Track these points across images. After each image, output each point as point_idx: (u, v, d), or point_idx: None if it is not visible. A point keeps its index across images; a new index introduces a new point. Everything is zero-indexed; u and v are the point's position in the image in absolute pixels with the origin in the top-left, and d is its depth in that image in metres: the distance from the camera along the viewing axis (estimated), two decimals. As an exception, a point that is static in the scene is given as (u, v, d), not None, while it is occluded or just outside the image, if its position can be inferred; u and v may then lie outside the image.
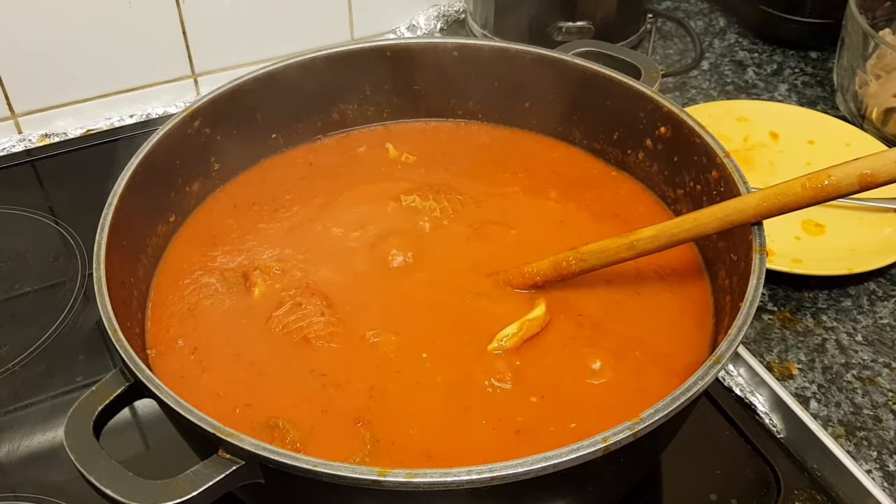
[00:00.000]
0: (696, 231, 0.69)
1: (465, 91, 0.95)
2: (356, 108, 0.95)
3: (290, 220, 0.84)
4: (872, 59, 1.13)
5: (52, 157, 1.16)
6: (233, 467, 0.54)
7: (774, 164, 1.10)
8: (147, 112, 1.24)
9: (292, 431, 0.63)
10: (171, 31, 1.21)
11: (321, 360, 0.70)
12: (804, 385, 0.86)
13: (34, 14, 1.12)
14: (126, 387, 0.60)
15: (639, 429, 0.53)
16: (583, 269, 0.74)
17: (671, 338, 0.72)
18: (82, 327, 0.92)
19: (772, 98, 1.26)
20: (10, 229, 1.05)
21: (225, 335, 0.73)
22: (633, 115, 0.85)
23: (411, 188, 0.86)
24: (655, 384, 0.67)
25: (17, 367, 0.88)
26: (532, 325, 0.71)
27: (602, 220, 0.84)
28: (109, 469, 0.55)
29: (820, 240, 1.00)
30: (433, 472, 0.51)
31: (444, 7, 1.41)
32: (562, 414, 0.65)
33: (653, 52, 1.36)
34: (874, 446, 0.81)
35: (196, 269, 0.79)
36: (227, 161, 0.88)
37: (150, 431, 0.82)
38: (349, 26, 1.34)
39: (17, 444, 0.81)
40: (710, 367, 0.58)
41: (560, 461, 0.52)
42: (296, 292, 0.75)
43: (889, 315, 0.93)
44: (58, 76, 1.18)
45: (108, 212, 0.71)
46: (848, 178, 0.63)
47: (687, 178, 0.81)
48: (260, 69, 0.87)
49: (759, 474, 0.78)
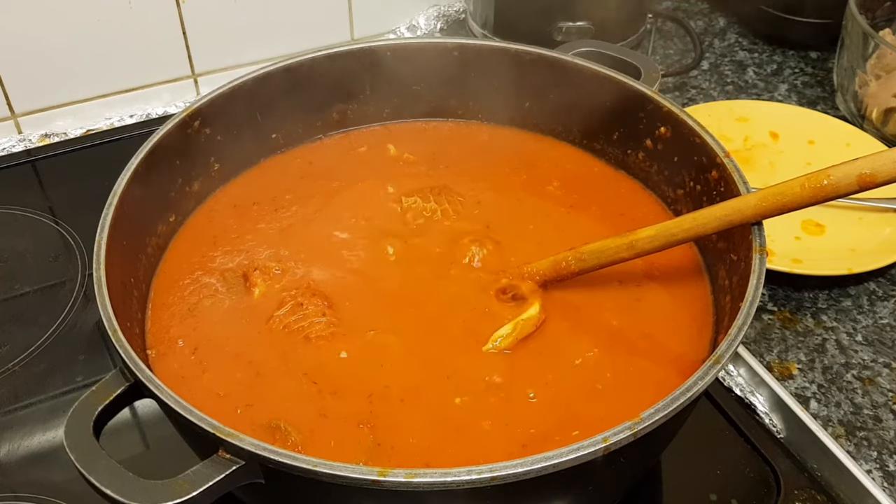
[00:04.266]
0: (696, 231, 0.69)
1: (465, 91, 0.95)
2: (356, 108, 0.95)
3: (290, 220, 0.84)
4: (872, 59, 1.13)
5: (52, 157, 1.16)
6: (233, 467, 0.54)
7: (774, 164, 1.10)
8: (147, 112, 1.24)
9: (294, 434, 0.63)
10: (171, 31, 1.21)
11: (321, 361, 0.70)
12: (804, 385, 0.86)
13: (34, 14, 1.12)
14: (126, 387, 0.60)
15: (639, 429, 0.53)
16: (582, 269, 0.74)
17: (671, 338, 0.72)
18: (82, 327, 0.92)
19: (772, 98, 1.26)
20: (10, 229, 1.05)
21: (225, 335, 0.73)
22: (633, 115, 0.85)
23: (412, 189, 0.86)
24: (655, 384, 0.67)
25: (17, 367, 0.88)
26: (526, 324, 0.71)
27: (602, 220, 0.84)
28: (109, 469, 0.55)
29: (820, 240, 1.00)
30: (433, 471, 0.51)
31: (444, 7, 1.41)
32: (561, 416, 0.65)
33: (653, 52, 1.36)
34: (874, 446, 0.81)
35: (196, 269, 0.79)
36: (227, 161, 0.88)
37: (150, 431, 0.82)
38: (349, 26, 1.34)
39: (17, 444, 0.81)
40: (710, 367, 0.58)
41: (560, 461, 0.52)
42: (297, 292, 0.75)
43: (889, 315, 0.93)
44: (58, 76, 1.18)
45: (108, 212, 0.71)
46: (847, 178, 0.63)
47: (687, 178, 0.81)
48: (260, 69, 0.87)
49: (759, 474, 0.78)
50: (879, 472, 0.78)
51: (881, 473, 0.78)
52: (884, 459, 0.79)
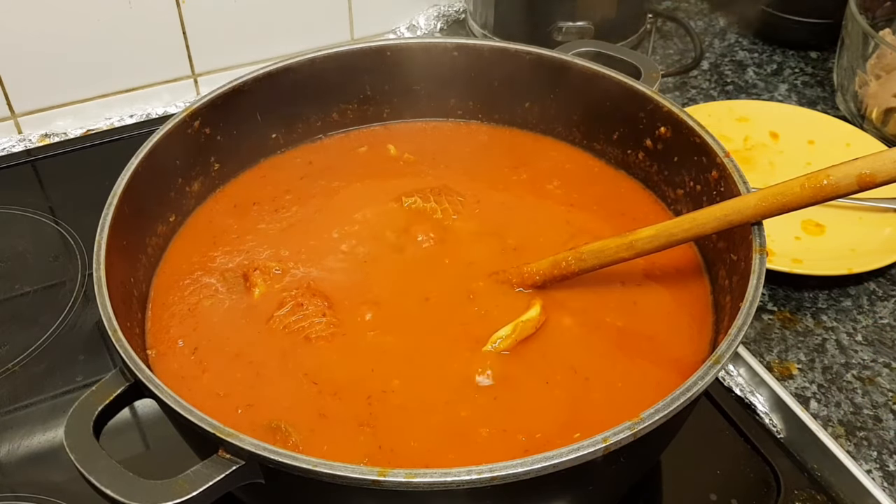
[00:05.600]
0: (695, 231, 0.69)
1: (465, 91, 0.95)
2: (356, 108, 0.95)
3: (290, 220, 0.84)
4: (872, 59, 1.13)
5: (52, 157, 1.16)
6: (233, 467, 0.54)
7: (774, 164, 1.10)
8: (147, 112, 1.24)
9: (294, 434, 0.63)
10: (171, 31, 1.21)
11: (322, 362, 0.70)
12: (804, 385, 0.86)
13: (34, 14, 1.12)
14: (126, 387, 0.60)
15: (639, 429, 0.53)
16: (582, 268, 0.74)
17: (671, 338, 0.72)
18: (82, 327, 0.92)
19: (772, 98, 1.26)
20: (10, 229, 1.05)
21: (225, 335, 0.73)
22: (633, 115, 0.85)
23: (412, 189, 0.86)
24: (655, 384, 0.67)
25: (17, 367, 0.88)
26: (526, 326, 0.71)
27: (602, 220, 0.84)
28: (109, 469, 0.55)
29: (820, 240, 1.00)
30: (433, 471, 0.51)
31: (444, 7, 1.41)
32: (562, 417, 0.65)
33: (653, 52, 1.36)
34: (874, 446, 0.81)
35: (196, 269, 0.79)
36: (227, 161, 0.88)
37: (150, 431, 0.82)
38: (349, 26, 1.34)
39: (17, 444, 0.81)
40: (710, 367, 0.58)
41: (560, 461, 0.52)
42: (297, 292, 0.75)
43: (889, 315, 0.93)
44: (58, 76, 1.18)
45: (108, 212, 0.71)
46: (847, 178, 0.63)
47: (687, 178, 0.81)
48: (260, 69, 0.87)
49: (759, 474, 0.78)
50: (879, 472, 0.78)
51: (881, 473, 0.78)
52: (884, 459, 0.79)
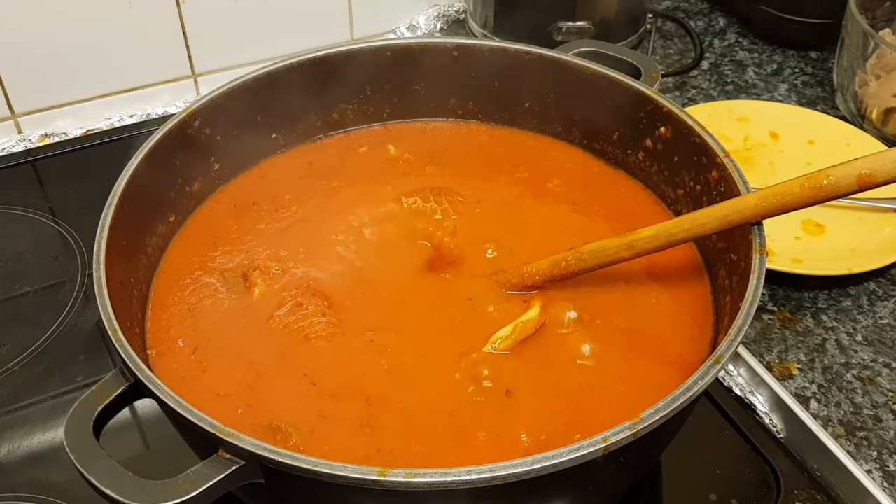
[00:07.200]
0: (695, 231, 0.69)
1: (465, 91, 0.95)
2: (356, 108, 0.95)
3: (290, 220, 0.84)
4: (872, 59, 1.13)
5: (52, 157, 1.16)
6: (233, 467, 0.54)
7: (774, 164, 1.10)
8: (147, 112, 1.24)
9: (295, 435, 0.63)
10: (171, 31, 1.21)
11: (321, 362, 0.70)
12: (804, 385, 0.86)
13: (34, 14, 1.12)
14: (126, 387, 0.60)
15: (639, 429, 0.53)
16: (582, 269, 0.73)
17: (671, 338, 0.72)
18: (82, 327, 0.92)
19: (772, 98, 1.26)
20: (10, 229, 1.05)
21: (225, 335, 0.73)
22: (633, 115, 0.85)
23: (412, 189, 0.86)
24: (655, 384, 0.67)
25: (17, 367, 0.88)
26: (526, 326, 0.71)
27: (602, 220, 0.84)
28: (109, 469, 0.55)
29: (820, 240, 1.00)
30: (433, 472, 0.51)
31: (444, 7, 1.41)
32: (562, 417, 0.65)
33: (653, 52, 1.36)
34: (874, 446, 0.81)
35: (196, 269, 0.79)
36: (227, 161, 0.88)
37: (150, 431, 0.82)
38: (349, 26, 1.34)
39: (17, 444, 0.81)
40: (710, 367, 0.58)
41: (560, 461, 0.52)
42: (297, 292, 0.75)
43: (889, 315, 0.93)
44: (58, 76, 1.18)
45: (108, 212, 0.71)
46: (847, 178, 0.63)
47: (687, 178, 0.81)
48: (260, 69, 0.87)
49: (759, 474, 0.78)
50: (879, 472, 0.78)
51: (881, 473, 0.78)
52: (884, 459, 0.79)
